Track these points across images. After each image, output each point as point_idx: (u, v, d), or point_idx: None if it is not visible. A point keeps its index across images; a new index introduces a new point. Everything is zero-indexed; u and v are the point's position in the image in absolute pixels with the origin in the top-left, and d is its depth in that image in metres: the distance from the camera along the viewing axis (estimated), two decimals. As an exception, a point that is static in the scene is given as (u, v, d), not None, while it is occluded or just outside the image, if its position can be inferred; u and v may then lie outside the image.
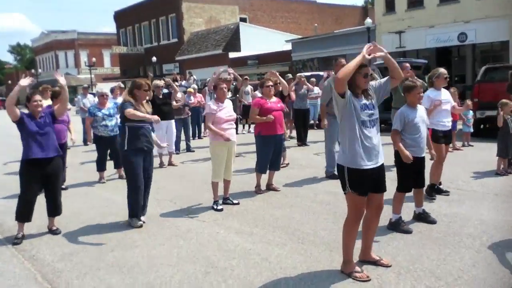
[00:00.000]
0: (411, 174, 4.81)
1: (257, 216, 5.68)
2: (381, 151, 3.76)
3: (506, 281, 3.56)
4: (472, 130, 10.21)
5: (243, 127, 16.02)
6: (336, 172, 7.51)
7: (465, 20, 21.05)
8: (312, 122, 13.96)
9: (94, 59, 45.54)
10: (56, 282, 4.03)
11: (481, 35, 20.67)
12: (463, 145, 9.88)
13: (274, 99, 6.88)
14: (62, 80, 5.41)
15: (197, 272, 4.05)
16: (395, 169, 5.04)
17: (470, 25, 20.96)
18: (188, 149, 11.46)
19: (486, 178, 6.96)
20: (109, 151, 8.49)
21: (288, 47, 30.92)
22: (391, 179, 5.07)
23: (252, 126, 14.48)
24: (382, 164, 3.78)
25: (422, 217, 5.04)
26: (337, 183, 7.27)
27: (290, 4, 43.24)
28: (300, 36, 33.95)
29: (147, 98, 5.74)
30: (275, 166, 7.01)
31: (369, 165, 3.64)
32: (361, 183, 3.67)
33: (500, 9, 19.73)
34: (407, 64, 8.27)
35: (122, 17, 45.55)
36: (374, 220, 3.95)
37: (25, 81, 5.18)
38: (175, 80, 16.05)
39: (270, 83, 6.89)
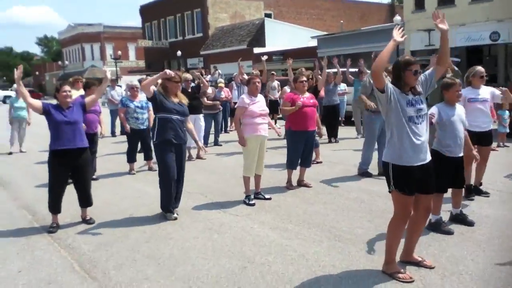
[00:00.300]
0: (448, 174, 4.65)
1: (291, 211, 5.60)
2: (428, 149, 3.64)
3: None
4: (508, 130, 9.91)
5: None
6: (369, 170, 7.48)
7: (498, 19, 20.50)
8: (340, 119, 13.79)
9: (119, 52, 45.88)
10: (94, 272, 4.03)
11: (513, 34, 20.14)
12: (498, 146, 9.60)
13: (307, 94, 6.77)
14: (108, 74, 5.62)
15: (234, 267, 4.00)
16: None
17: (503, 24, 20.41)
18: (216, 143, 11.44)
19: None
20: (139, 143, 8.55)
21: (314, 43, 30.63)
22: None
23: (279, 122, 14.45)
24: (430, 161, 3.64)
25: (459, 218, 4.88)
26: (370, 181, 7.25)
27: (315, 1, 42.88)
28: (325, 33, 33.64)
29: (179, 90, 5.68)
30: (306, 163, 6.92)
31: (416, 162, 3.52)
32: (407, 182, 3.54)
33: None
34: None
35: (147, 11, 45.89)
36: (421, 222, 3.82)
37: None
38: (201, 74, 16.08)
39: (304, 78, 6.77)
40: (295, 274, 3.81)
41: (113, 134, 14.28)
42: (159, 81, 5.44)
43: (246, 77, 13.86)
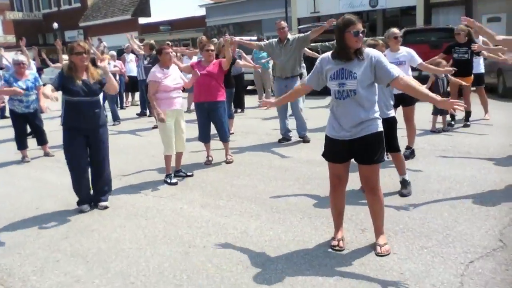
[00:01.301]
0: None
1: (217, 187, 5.35)
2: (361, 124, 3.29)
3: (492, 233, 3.63)
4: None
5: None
6: (286, 136, 7.41)
7: (376, -15, 21.72)
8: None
9: (-19, 27, 40.82)
10: (9, 282, 3.42)
11: (390, 0, 21.51)
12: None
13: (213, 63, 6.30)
14: None
15: (175, 254, 3.66)
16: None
17: (381, -10, 21.70)
18: (116, 118, 10.61)
19: (428, 136, 7.21)
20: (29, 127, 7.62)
21: (202, 12, 29.95)
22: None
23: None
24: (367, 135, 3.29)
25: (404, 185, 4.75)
26: (289, 148, 7.21)
27: (199, -33, 41.73)
28: (213, 2, 33.03)
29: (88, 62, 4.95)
30: (220, 137, 6.48)
31: (338, 137, 3.33)
32: (330, 150, 3.43)
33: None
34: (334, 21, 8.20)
35: (13, -21, 41.11)
36: (367, 195, 3.50)
37: None
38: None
39: (211, 46, 6.32)
40: (243, 253, 3.60)
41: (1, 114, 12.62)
42: (65, 57, 4.75)
43: (136, 46, 13.02)
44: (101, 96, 5.09)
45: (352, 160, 3.43)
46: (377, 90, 3.35)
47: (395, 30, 5.60)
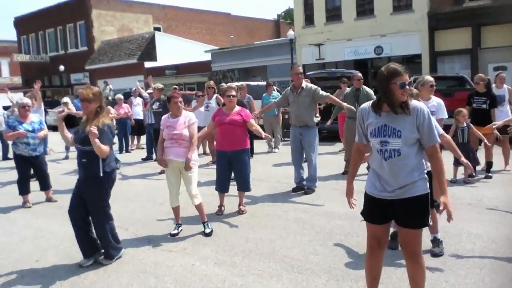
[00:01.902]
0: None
1: (232, 241, 4.97)
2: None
3: None
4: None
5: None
6: (300, 185, 7.11)
7: (381, 34, 21.99)
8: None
9: (-11, 68, 41.33)
10: None
11: (395, 48, 21.72)
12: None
13: (237, 108, 6.00)
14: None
15: (190, 321, 3.28)
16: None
17: (386, 38, 21.94)
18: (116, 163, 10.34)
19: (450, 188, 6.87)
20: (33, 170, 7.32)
21: (207, 57, 30.31)
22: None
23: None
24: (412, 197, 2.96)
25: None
26: (302, 197, 6.86)
27: (204, 15, 42.76)
28: (217, 47, 33.53)
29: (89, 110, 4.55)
30: (239, 186, 6.07)
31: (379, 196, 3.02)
32: (369, 209, 3.10)
33: (412, 25, 20.89)
34: (359, 74, 8.10)
35: (23, 23, 41.80)
36: (407, 264, 3.12)
37: None
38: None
39: (233, 92, 5.96)
40: (266, 321, 3.22)
41: (4, 157, 12.29)
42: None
43: (145, 94, 12.94)
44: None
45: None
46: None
47: (430, 78, 5.16)
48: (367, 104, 3.07)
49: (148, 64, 32.49)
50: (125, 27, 38.04)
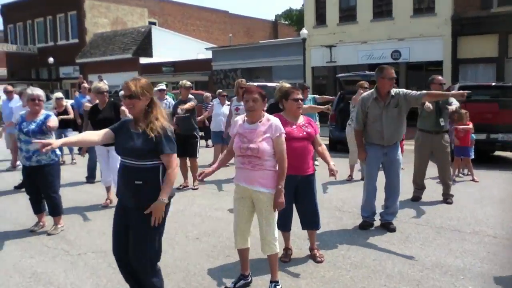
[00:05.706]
0: None
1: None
2: None
3: None
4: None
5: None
6: (370, 220, 5.31)
7: (399, 37, 20.60)
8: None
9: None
10: None
11: (414, 53, 20.35)
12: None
13: (301, 120, 4.32)
14: None
15: None
16: None
17: (404, 42, 20.57)
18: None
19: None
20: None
21: (205, 55, 28.67)
22: None
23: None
24: None
25: None
26: (388, 237, 4.95)
27: (202, 12, 41.18)
28: (215, 45, 31.90)
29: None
30: (306, 222, 4.41)
31: None
32: None
33: (434, 29, 19.54)
34: (440, 77, 6.51)
35: (11, 11, 39.53)
36: None
37: None
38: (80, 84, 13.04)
39: (299, 95, 4.20)
40: None
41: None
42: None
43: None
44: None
45: None
46: None
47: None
48: None
49: (143, 60, 30.73)
50: (119, 20, 36.20)
